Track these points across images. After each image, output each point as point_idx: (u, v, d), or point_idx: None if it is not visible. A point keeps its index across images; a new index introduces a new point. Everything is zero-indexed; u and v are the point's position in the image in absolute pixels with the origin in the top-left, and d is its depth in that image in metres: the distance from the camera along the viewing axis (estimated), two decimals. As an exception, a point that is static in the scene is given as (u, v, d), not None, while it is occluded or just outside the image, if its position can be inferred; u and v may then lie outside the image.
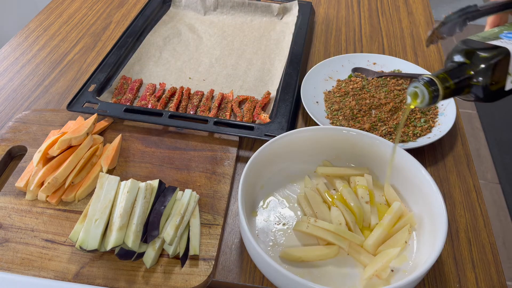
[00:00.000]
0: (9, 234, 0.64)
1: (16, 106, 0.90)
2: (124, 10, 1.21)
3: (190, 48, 1.06)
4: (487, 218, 0.72)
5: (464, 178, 0.78)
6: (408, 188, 0.69)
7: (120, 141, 0.79)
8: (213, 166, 0.75)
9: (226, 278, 0.62)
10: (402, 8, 1.25)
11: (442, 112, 0.87)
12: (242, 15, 1.17)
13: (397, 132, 0.77)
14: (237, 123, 0.82)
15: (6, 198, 0.69)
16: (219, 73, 0.99)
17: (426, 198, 0.64)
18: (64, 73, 0.98)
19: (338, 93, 0.92)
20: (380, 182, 0.72)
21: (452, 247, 0.67)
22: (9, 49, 1.06)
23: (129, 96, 0.89)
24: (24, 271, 0.60)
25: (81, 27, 1.14)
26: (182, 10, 1.19)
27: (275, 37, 1.10)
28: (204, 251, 0.63)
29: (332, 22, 1.19)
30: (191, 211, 0.66)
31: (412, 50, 1.09)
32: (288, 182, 0.72)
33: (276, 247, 0.63)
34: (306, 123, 0.88)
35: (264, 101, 0.89)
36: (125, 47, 1.00)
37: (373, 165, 0.72)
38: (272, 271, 0.54)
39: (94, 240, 0.59)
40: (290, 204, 0.69)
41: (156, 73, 0.98)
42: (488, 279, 0.63)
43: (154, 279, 0.60)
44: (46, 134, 0.80)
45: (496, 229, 1.74)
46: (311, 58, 1.06)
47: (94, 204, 0.63)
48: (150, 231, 0.61)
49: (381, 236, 0.62)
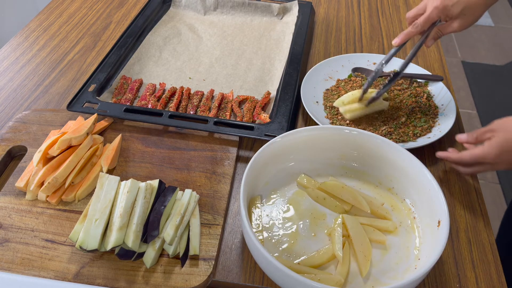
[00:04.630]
0: (9, 234, 0.64)
1: (16, 106, 0.90)
2: (124, 10, 1.21)
3: (190, 48, 1.06)
4: (487, 218, 0.72)
5: (464, 178, 0.78)
6: (408, 188, 0.69)
7: (120, 141, 0.79)
8: (213, 166, 0.75)
9: (226, 278, 0.62)
10: (402, 8, 1.25)
11: (442, 112, 0.87)
12: (242, 15, 1.17)
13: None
14: (237, 123, 0.82)
15: (6, 198, 0.69)
16: (219, 73, 0.99)
17: (428, 196, 0.64)
18: (64, 73, 0.98)
19: (336, 91, 0.92)
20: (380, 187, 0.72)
21: (452, 247, 0.67)
22: (9, 49, 1.06)
23: (129, 96, 0.89)
24: (24, 271, 0.60)
25: (81, 27, 1.14)
26: (182, 10, 1.19)
27: (275, 37, 1.10)
28: (204, 251, 0.63)
29: (332, 22, 1.19)
30: (191, 211, 0.66)
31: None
32: (290, 182, 0.72)
33: (278, 245, 0.63)
34: (306, 123, 0.88)
35: (264, 101, 0.89)
36: (125, 47, 1.00)
37: (374, 165, 0.72)
38: (273, 268, 0.54)
39: (94, 240, 0.59)
40: (290, 204, 0.69)
41: (156, 73, 0.98)
42: (488, 279, 0.63)
43: (154, 279, 0.60)
44: (46, 134, 0.80)
45: (496, 229, 1.74)
46: (311, 58, 1.06)
47: (94, 204, 0.62)
48: (150, 231, 0.61)
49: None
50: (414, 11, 0.82)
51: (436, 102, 0.90)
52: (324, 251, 0.62)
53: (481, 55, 2.75)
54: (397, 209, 0.69)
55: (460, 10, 0.76)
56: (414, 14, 0.82)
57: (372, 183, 0.73)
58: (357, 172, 0.74)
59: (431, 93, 0.92)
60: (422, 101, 0.89)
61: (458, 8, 0.76)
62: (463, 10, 0.76)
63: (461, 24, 0.78)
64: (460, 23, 0.78)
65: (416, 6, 0.82)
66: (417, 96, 0.91)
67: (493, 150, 0.67)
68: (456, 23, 0.78)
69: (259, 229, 0.65)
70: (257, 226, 0.65)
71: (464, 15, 0.77)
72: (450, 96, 0.89)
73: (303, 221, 0.67)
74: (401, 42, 0.82)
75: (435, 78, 0.95)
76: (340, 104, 0.86)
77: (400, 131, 0.82)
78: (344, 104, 0.85)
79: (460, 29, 0.79)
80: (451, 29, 0.80)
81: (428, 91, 0.93)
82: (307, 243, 0.64)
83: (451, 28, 0.80)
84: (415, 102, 0.89)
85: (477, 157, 0.69)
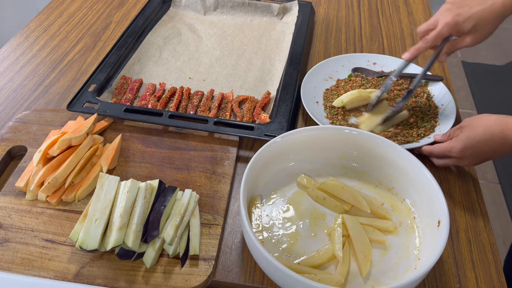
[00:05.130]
0: (9, 234, 0.64)
1: (16, 106, 0.90)
2: (124, 10, 1.21)
3: (190, 48, 1.06)
4: (487, 218, 0.72)
5: (464, 178, 0.78)
6: (408, 188, 0.69)
7: (120, 141, 0.79)
8: (213, 166, 0.75)
9: (226, 278, 0.62)
10: (402, 8, 1.25)
11: (442, 112, 0.87)
12: (242, 15, 1.17)
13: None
14: (237, 123, 0.82)
15: (6, 198, 0.69)
16: (219, 73, 0.99)
17: (428, 196, 0.64)
18: (64, 73, 0.98)
19: (335, 90, 0.92)
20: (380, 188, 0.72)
21: (452, 247, 0.67)
22: (9, 49, 1.06)
23: (129, 96, 0.89)
24: (24, 271, 0.60)
25: (81, 27, 1.14)
26: (182, 10, 1.19)
27: (275, 37, 1.10)
28: (204, 251, 0.63)
29: (332, 22, 1.19)
30: (191, 211, 0.66)
31: (412, 50, 1.08)
32: (290, 182, 0.72)
33: (278, 244, 0.63)
34: (306, 123, 0.88)
35: (264, 101, 0.89)
36: (125, 47, 1.00)
37: (374, 165, 0.72)
38: (273, 268, 0.54)
39: (94, 240, 0.59)
40: (290, 204, 0.69)
41: (156, 73, 0.98)
42: (488, 279, 0.63)
43: (154, 279, 0.60)
44: (46, 134, 0.80)
45: (496, 229, 1.74)
46: (311, 58, 1.06)
47: (94, 204, 0.62)
48: (150, 231, 0.61)
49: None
50: (425, 26, 0.81)
51: (436, 102, 0.90)
52: (324, 251, 0.62)
53: (481, 55, 2.75)
54: (397, 209, 0.69)
55: (472, 26, 0.75)
56: (425, 29, 0.81)
57: (372, 183, 0.73)
58: (357, 172, 0.74)
59: (431, 93, 0.92)
60: (422, 101, 0.89)
61: (469, 24, 0.75)
62: (474, 26, 0.75)
63: (474, 40, 0.77)
64: (472, 39, 0.77)
65: (427, 21, 0.81)
66: (417, 96, 0.91)
67: (457, 145, 0.71)
68: (468, 39, 0.77)
69: (259, 229, 0.65)
70: (257, 226, 0.65)
71: (476, 31, 0.76)
72: (450, 96, 0.89)
73: (303, 221, 0.67)
74: (411, 57, 0.81)
75: (435, 78, 0.95)
76: (339, 103, 0.86)
77: (405, 132, 0.82)
78: (343, 103, 0.85)
79: (473, 44, 0.78)
80: (464, 44, 0.79)
81: (428, 91, 0.93)
82: (307, 243, 0.64)
83: (464, 43, 0.79)
84: (415, 102, 0.89)
85: (444, 150, 0.74)
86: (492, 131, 0.68)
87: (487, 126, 0.69)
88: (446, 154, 0.74)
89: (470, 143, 0.70)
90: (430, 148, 0.77)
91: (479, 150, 0.70)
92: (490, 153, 0.70)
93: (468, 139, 0.70)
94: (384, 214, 0.67)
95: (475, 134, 0.69)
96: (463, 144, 0.71)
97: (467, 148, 0.71)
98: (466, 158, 0.72)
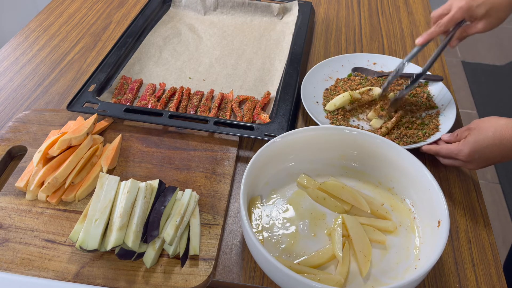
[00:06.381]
0: (9, 234, 0.64)
1: (16, 106, 0.90)
2: (124, 10, 1.21)
3: (190, 48, 1.06)
4: (487, 218, 0.72)
5: (464, 178, 0.78)
6: (408, 188, 0.69)
7: (120, 141, 0.79)
8: (213, 166, 0.75)
9: (226, 278, 0.62)
10: (402, 8, 1.25)
11: (442, 112, 0.87)
12: (242, 15, 1.17)
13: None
14: (237, 123, 0.82)
15: (6, 198, 0.69)
16: (219, 73, 0.99)
17: (428, 196, 0.64)
18: (64, 73, 0.98)
19: (334, 90, 0.92)
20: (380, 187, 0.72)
21: (452, 247, 0.67)
22: (9, 49, 1.06)
23: (129, 96, 0.89)
24: (24, 271, 0.60)
25: (81, 27, 1.14)
26: (182, 10, 1.19)
27: (275, 37, 1.10)
28: (204, 251, 0.63)
29: (332, 22, 1.19)
30: (191, 211, 0.66)
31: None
32: (290, 182, 0.72)
33: (278, 244, 0.63)
34: (306, 123, 0.88)
35: (264, 101, 0.89)
36: (125, 47, 1.00)
37: (374, 165, 0.72)
38: (273, 268, 0.54)
39: (94, 240, 0.59)
40: (290, 204, 0.69)
41: (156, 73, 0.98)
42: (488, 279, 0.63)
43: (154, 279, 0.60)
44: (46, 134, 0.80)
45: (496, 229, 1.74)
46: (311, 58, 1.06)
47: (94, 204, 0.62)
48: (150, 231, 0.61)
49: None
50: (439, 10, 0.81)
51: (436, 102, 0.90)
52: (324, 251, 0.62)
53: (481, 55, 2.75)
54: (397, 209, 0.69)
55: (485, 11, 0.76)
56: (439, 14, 0.81)
57: (372, 183, 0.73)
58: (357, 172, 0.74)
59: (431, 93, 0.92)
60: (422, 101, 0.89)
61: (483, 9, 0.76)
62: (488, 11, 0.76)
63: (486, 25, 0.78)
64: (484, 24, 0.77)
65: (442, 6, 0.81)
66: (417, 96, 0.91)
67: (465, 149, 0.70)
68: (480, 24, 0.78)
69: (259, 229, 0.65)
70: (257, 226, 0.65)
71: (489, 16, 0.76)
72: (450, 96, 0.89)
73: (303, 221, 0.67)
74: (424, 42, 0.81)
75: (435, 78, 0.95)
76: (332, 107, 0.86)
77: (409, 132, 0.82)
78: (336, 106, 0.85)
79: (485, 30, 0.78)
80: (476, 30, 0.79)
81: (428, 91, 0.93)
82: (307, 243, 0.64)
83: (475, 29, 0.79)
84: (415, 102, 0.89)
85: (451, 152, 0.73)
86: (502, 135, 0.66)
87: (496, 130, 0.67)
88: (452, 156, 0.73)
89: (479, 147, 0.68)
90: (437, 148, 0.76)
91: (487, 154, 0.68)
92: (499, 157, 0.68)
93: (476, 142, 0.69)
94: (384, 214, 0.67)
95: (483, 138, 0.68)
96: (471, 148, 0.69)
97: (475, 152, 0.69)
98: (474, 161, 0.71)
